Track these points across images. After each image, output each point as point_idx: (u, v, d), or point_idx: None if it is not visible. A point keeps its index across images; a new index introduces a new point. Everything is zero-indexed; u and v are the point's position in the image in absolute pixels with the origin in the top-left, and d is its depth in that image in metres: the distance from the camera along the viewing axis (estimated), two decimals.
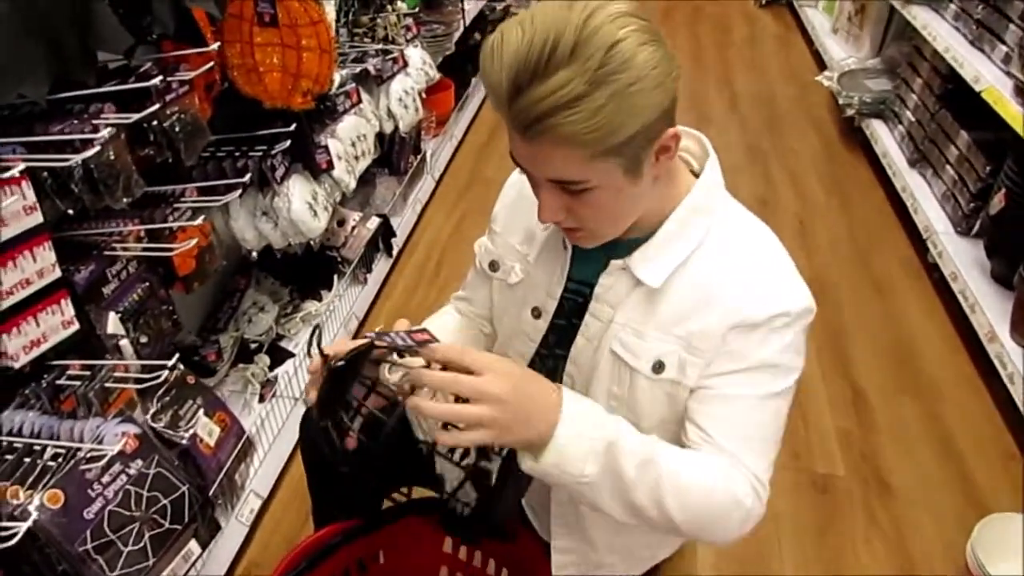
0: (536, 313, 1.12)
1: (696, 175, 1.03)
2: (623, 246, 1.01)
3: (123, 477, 1.34)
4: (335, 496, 1.46)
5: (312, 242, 1.82)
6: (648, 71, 0.80)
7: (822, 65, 4.38)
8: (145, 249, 1.43)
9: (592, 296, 1.05)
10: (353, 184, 2.01)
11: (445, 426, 0.87)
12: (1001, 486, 1.98)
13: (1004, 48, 2.55)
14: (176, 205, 1.52)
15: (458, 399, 0.85)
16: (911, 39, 3.41)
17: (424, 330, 0.88)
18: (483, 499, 0.97)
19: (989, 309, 2.32)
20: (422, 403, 0.86)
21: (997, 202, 2.43)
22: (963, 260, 2.57)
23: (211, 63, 1.37)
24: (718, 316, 0.97)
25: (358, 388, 0.99)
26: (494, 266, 1.18)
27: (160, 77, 1.25)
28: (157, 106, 1.25)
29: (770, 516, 0.97)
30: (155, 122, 1.32)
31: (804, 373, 1.01)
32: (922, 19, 3.12)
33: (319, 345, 0.96)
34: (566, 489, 0.92)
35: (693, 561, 1.74)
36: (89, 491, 1.28)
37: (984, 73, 2.54)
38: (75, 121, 1.19)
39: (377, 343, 0.89)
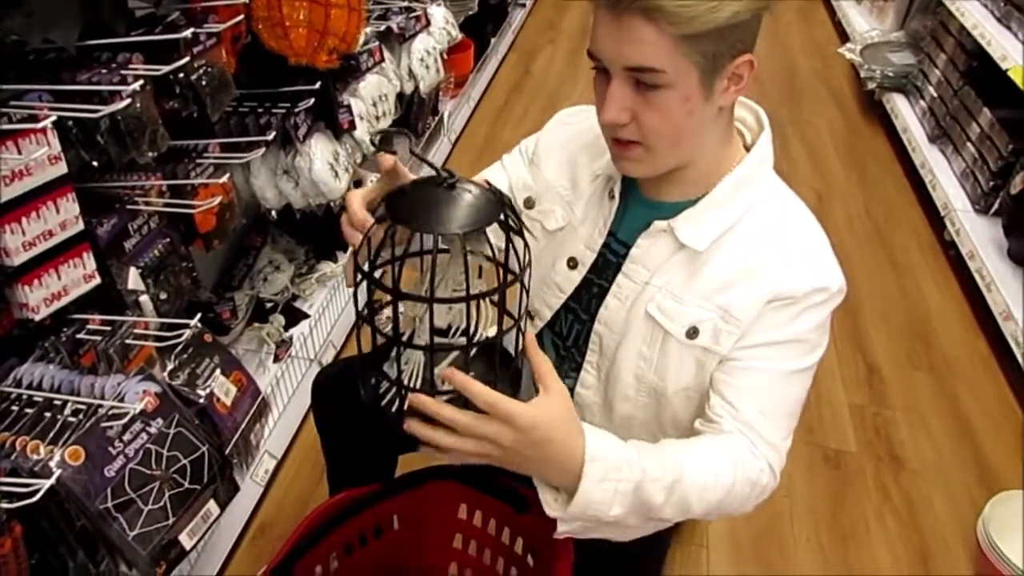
0: (572, 264, 1.10)
1: (747, 148, 1.02)
2: (668, 207, 1.01)
3: (144, 435, 1.33)
4: (350, 462, 1.46)
5: (332, 203, 1.79)
6: None
7: (844, 37, 4.31)
8: (167, 205, 1.41)
9: (627, 256, 1.04)
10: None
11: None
12: (1013, 464, 1.98)
13: None
14: (199, 161, 1.49)
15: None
16: (937, 13, 3.35)
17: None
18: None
19: (1005, 288, 2.31)
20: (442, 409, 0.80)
21: (1018, 181, 2.41)
22: (980, 239, 2.56)
23: (240, 16, 1.34)
24: (759, 288, 0.97)
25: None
26: (530, 203, 1.15)
27: (190, 30, 1.21)
28: (186, 59, 1.22)
29: (783, 491, 0.98)
30: (182, 75, 1.29)
31: None
32: None
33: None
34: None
35: (704, 536, 1.75)
36: (110, 448, 1.28)
37: (1011, 51, 2.50)
38: (103, 71, 1.16)
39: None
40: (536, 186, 1.15)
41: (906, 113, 3.39)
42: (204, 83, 1.34)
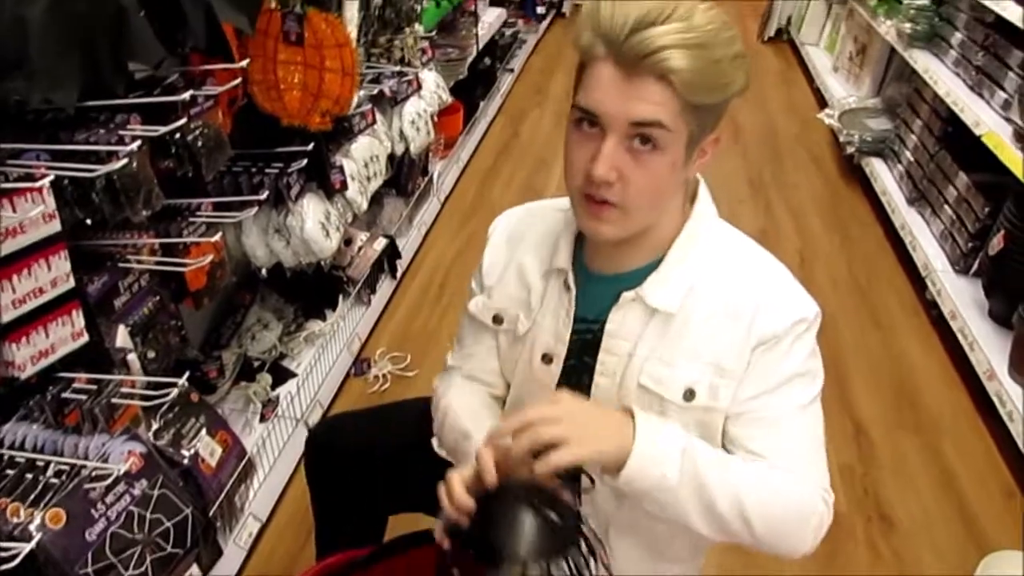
0: (547, 359, 1.10)
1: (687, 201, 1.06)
2: (628, 277, 1.02)
3: (127, 497, 1.31)
4: (340, 522, 1.43)
5: (323, 262, 1.81)
6: (744, 55, 0.90)
7: (823, 102, 4.44)
8: (159, 263, 1.42)
9: (603, 332, 1.04)
10: (365, 205, 2.01)
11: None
12: (1002, 522, 1.98)
13: (1003, 95, 2.60)
14: (191, 219, 1.50)
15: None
16: (911, 81, 3.47)
17: None
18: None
19: (988, 348, 2.33)
20: (502, 424, 0.91)
21: (996, 243, 2.45)
22: (962, 299, 2.59)
23: (238, 79, 1.37)
24: (742, 335, 0.99)
25: None
26: (498, 319, 1.15)
27: (188, 92, 1.24)
28: (183, 120, 1.24)
29: (773, 556, 0.98)
30: (179, 136, 1.31)
31: None
32: (923, 63, 3.17)
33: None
34: (652, 501, 0.93)
35: None
36: (92, 511, 1.25)
37: (984, 118, 2.58)
38: (101, 131, 1.18)
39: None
40: (497, 303, 1.15)
41: (885, 176, 3.47)
42: (200, 144, 1.36)
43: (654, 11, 0.85)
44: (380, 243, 2.41)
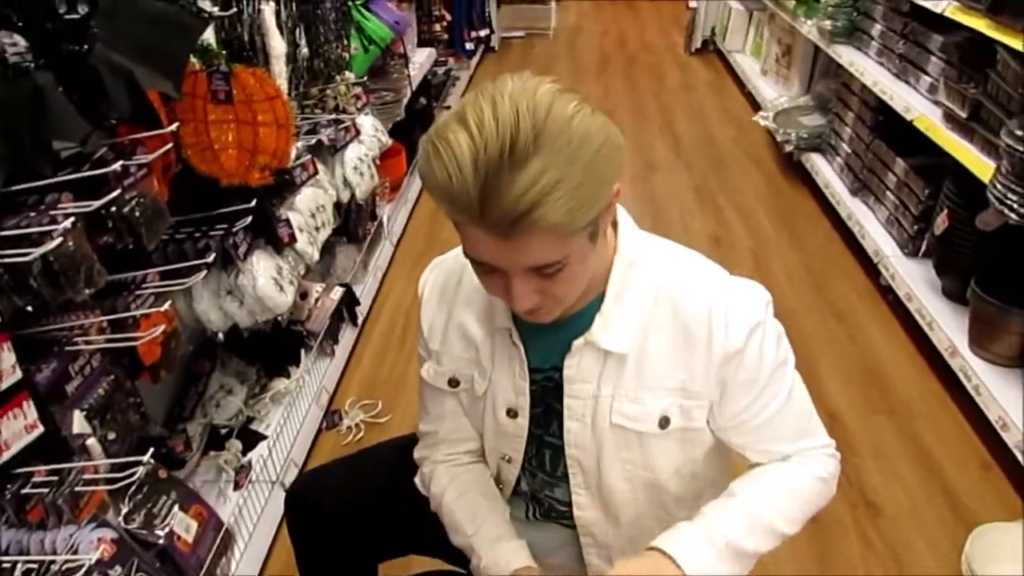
0: (512, 414, 1.09)
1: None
2: (574, 321, 1.00)
3: None
4: (328, 573, 1.39)
5: (280, 318, 1.77)
6: (604, 136, 0.81)
7: (756, 106, 4.55)
8: (109, 341, 1.37)
9: (563, 379, 1.03)
10: (316, 255, 1.98)
11: None
12: (983, 495, 2.01)
13: (928, 79, 2.68)
14: (138, 292, 1.47)
15: None
16: (838, 76, 3.57)
17: None
18: None
19: (946, 325, 2.38)
20: None
21: (941, 222, 2.52)
22: (915, 280, 2.65)
23: (169, 145, 1.35)
24: (701, 356, 0.98)
25: None
26: (454, 383, 1.13)
27: (119, 163, 1.21)
28: (117, 192, 1.21)
29: (768, 555, 1.00)
30: (114, 208, 1.28)
31: None
32: (847, 57, 3.27)
33: None
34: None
35: None
36: None
37: (913, 103, 2.66)
38: (32, 213, 1.14)
39: None
40: (448, 366, 1.13)
41: (825, 170, 3.56)
42: (138, 214, 1.33)
43: (494, 162, 0.75)
44: (337, 292, 2.38)
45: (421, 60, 3.77)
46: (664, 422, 1.01)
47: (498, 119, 0.76)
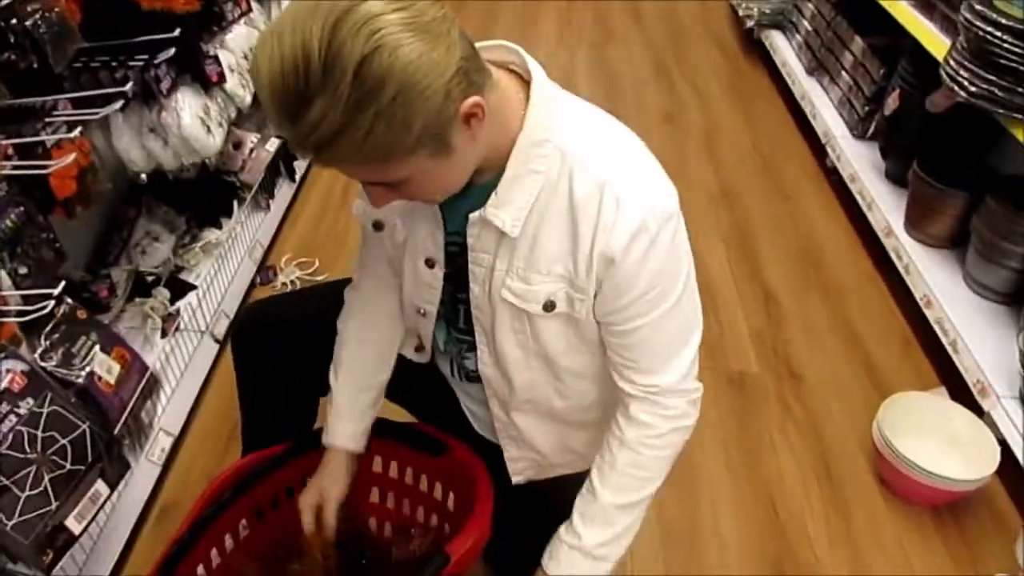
0: (430, 263, 1.09)
1: (527, 82, 0.94)
2: (479, 190, 0.96)
3: (13, 417, 1.23)
4: (270, 408, 1.39)
5: (208, 162, 1.69)
6: (410, 77, 0.73)
7: None
8: (16, 167, 1.29)
9: (467, 245, 1.02)
10: (248, 99, 1.87)
11: None
12: (901, 369, 2.08)
13: None
14: (48, 120, 1.37)
15: None
16: None
17: None
18: None
19: (885, 206, 2.41)
20: None
21: (891, 102, 2.50)
22: (860, 162, 2.65)
23: None
24: (584, 248, 0.94)
25: None
26: (378, 226, 1.12)
27: None
28: None
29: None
30: (14, 20, 1.17)
31: (717, 277, 1.03)
32: None
33: None
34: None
35: None
36: None
37: None
38: None
39: None
40: (375, 210, 1.07)
41: (784, 48, 3.48)
42: (43, 30, 1.22)
43: (281, 98, 0.73)
44: (273, 144, 2.27)
45: None
46: (549, 306, 1.00)
47: (297, 39, 0.71)
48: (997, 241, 1.93)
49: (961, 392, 1.84)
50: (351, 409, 1.24)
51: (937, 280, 2.09)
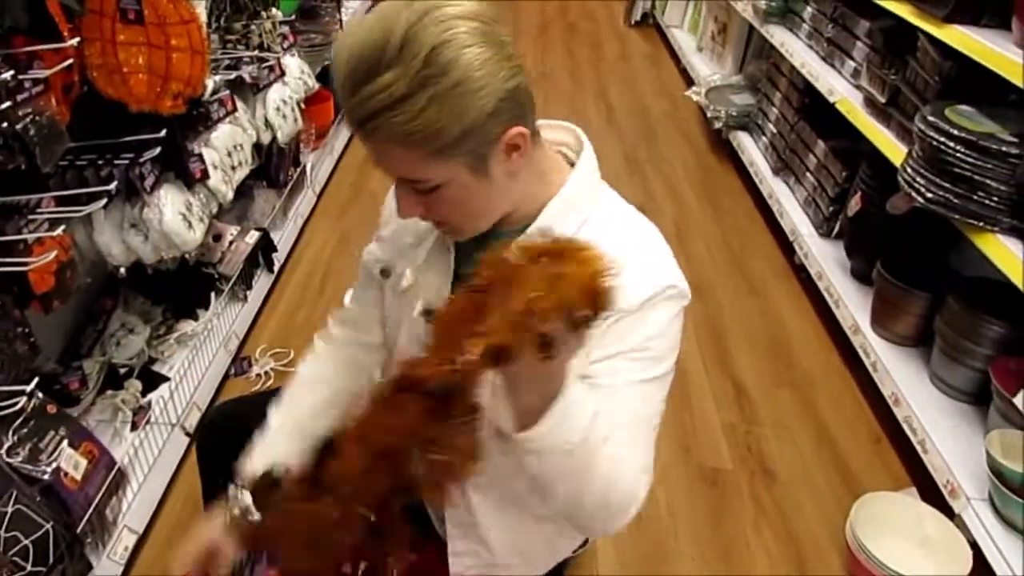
0: (428, 316, 1.08)
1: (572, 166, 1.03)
2: (504, 236, 0.99)
3: None
4: None
5: (187, 256, 1.71)
6: (471, 73, 0.81)
7: (690, 81, 4.59)
8: None
9: None
10: (230, 195, 1.91)
11: None
12: (871, 466, 2.10)
13: (852, 64, 2.75)
14: (31, 217, 1.39)
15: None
16: (769, 57, 3.63)
17: None
18: None
19: (852, 304, 2.47)
20: None
21: (854, 204, 2.60)
22: (826, 260, 2.73)
23: (68, 60, 1.27)
24: None
25: None
26: (385, 272, 1.14)
27: (11, 73, 1.13)
28: (8, 104, 1.14)
29: (666, 512, 0.99)
30: (6, 124, 1.20)
31: (689, 370, 1.02)
32: (779, 37, 3.32)
33: None
34: (533, 463, 0.87)
35: (594, 561, 1.74)
36: None
37: (837, 86, 2.73)
38: None
39: None
40: (387, 256, 1.14)
41: (751, 149, 3.63)
42: (32, 132, 1.25)
43: (356, 63, 0.81)
44: (252, 236, 2.31)
45: (355, 5, 3.66)
46: None
47: (386, 21, 0.80)
48: (960, 341, 1.98)
49: (931, 491, 1.85)
50: (272, 439, 1.16)
51: (904, 378, 2.13)
